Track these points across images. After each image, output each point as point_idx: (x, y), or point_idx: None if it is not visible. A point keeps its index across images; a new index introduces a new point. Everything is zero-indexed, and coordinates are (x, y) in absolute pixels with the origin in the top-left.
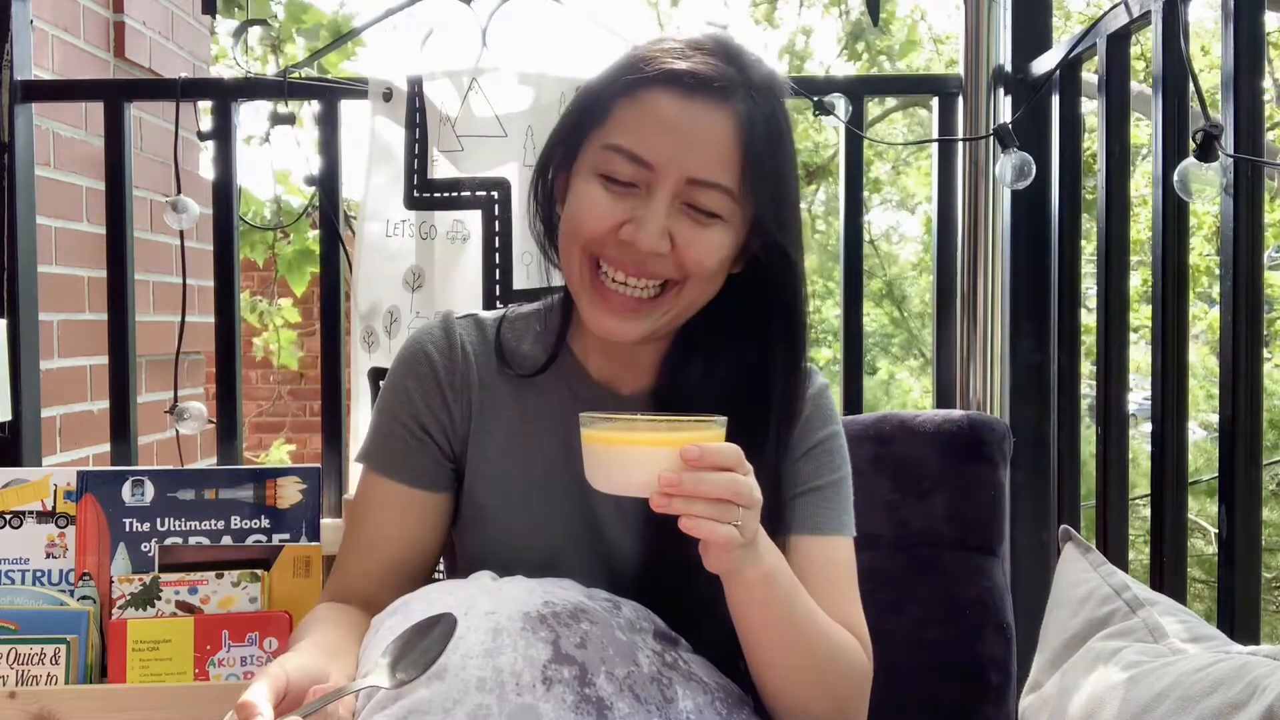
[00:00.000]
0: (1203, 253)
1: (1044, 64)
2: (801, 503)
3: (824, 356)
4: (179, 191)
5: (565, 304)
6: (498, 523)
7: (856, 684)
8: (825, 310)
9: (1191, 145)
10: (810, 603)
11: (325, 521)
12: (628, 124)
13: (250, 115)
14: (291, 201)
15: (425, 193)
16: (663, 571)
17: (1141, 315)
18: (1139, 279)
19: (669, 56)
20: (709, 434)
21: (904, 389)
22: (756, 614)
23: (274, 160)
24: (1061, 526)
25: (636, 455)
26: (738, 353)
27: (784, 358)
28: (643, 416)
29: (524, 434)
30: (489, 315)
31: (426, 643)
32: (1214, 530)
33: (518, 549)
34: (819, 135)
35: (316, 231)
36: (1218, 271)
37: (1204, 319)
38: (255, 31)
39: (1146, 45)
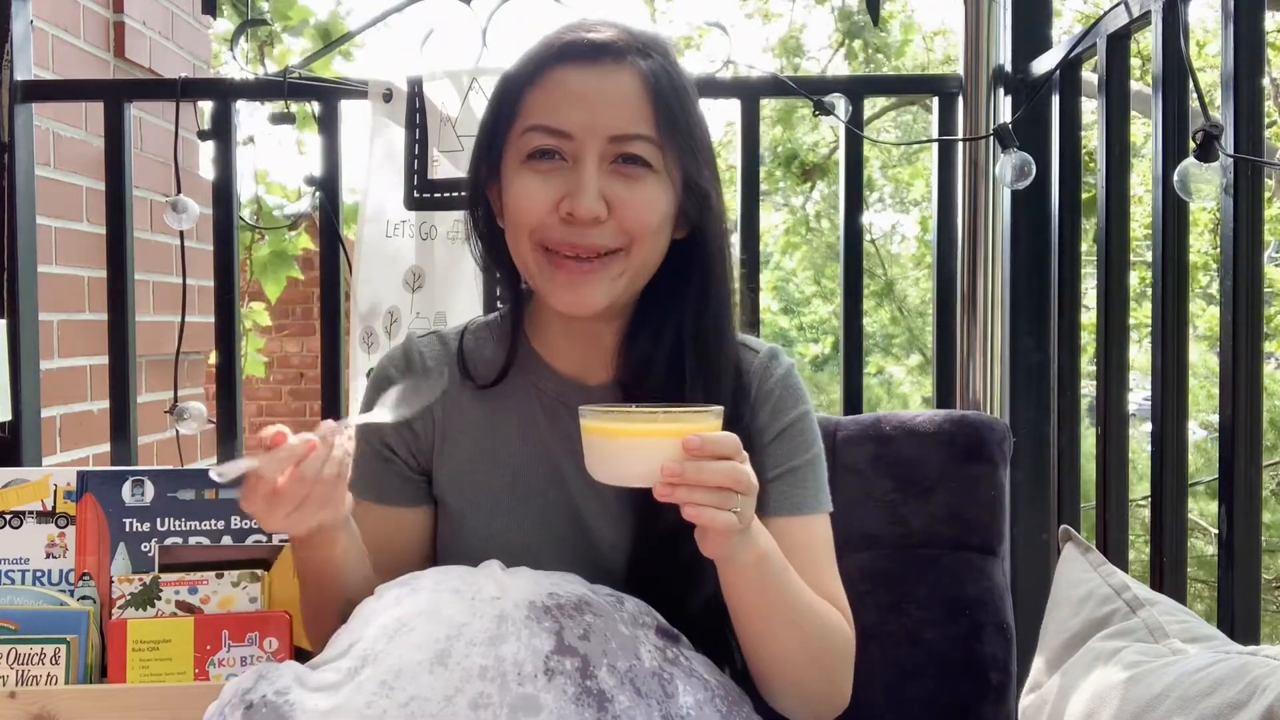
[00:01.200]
0: (1200, 249)
1: (1044, 64)
2: (779, 485)
3: (811, 351)
4: (179, 191)
5: (516, 310)
6: (472, 527)
7: (844, 655)
8: (822, 311)
9: (1191, 145)
10: (799, 582)
11: None
12: (540, 105)
13: (245, 116)
14: (270, 201)
15: (425, 193)
16: (649, 562)
17: (1142, 314)
18: (1137, 277)
19: (563, 37)
20: (707, 424)
21: (896, 382)
22: (751, 597)
23: (256, 160)
24: (1061, 526)
25: (638, 446)
26: (688, 329)
27: (717, 328)
28: (640, 408)
29: (492, 437)
30: (451, 329)
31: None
32: (1214, 530)
33: (496, 549)
34: (814, 134)
35: (294, 233)
36: (1214, 267)
37: (1201, 316)
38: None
39: (1146, 44)
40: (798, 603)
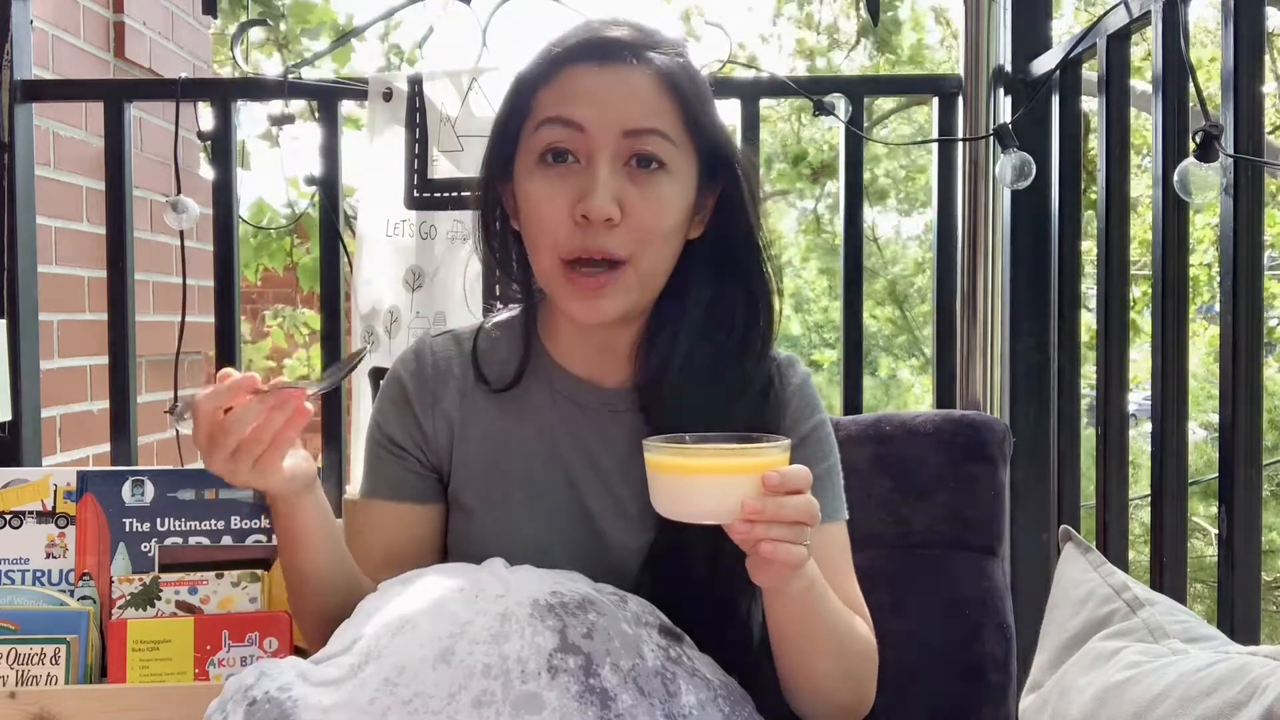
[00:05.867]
0: (1203, 262)
1: (1044, 64)
2: None
3: (828, 359)
4: (179, 191)
5: (529, 311)
6: (483, 525)
7: (872, 664)
8: (833, 310)
9: (1191, 145)
10: (837, 601)
11: None
12: (553, 100)
13: (248, 117)
14: (301, 206)
15: (425, 193)
16: (662, 568)
17: (1142, 317)
18: (1138, 288)
19: (577, 36)
20: (778, 457)
21: (905, 386)
22: (798, 623)
23: (285, 164)
24: (1061, 526)
25: (714, 483)
26: (709, 332)
27: (747, 335)
28: (704, 443)
29: (506, 438)
30: (466, 328)
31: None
32: (1214, 531)
33: (507, 548)
34: (830, 133)
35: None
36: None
37: (1204, 334)
38: (256, 32)
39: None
40: (838, 624)
